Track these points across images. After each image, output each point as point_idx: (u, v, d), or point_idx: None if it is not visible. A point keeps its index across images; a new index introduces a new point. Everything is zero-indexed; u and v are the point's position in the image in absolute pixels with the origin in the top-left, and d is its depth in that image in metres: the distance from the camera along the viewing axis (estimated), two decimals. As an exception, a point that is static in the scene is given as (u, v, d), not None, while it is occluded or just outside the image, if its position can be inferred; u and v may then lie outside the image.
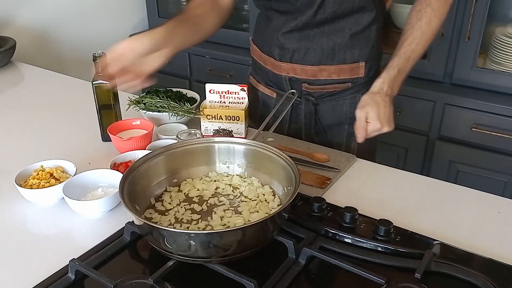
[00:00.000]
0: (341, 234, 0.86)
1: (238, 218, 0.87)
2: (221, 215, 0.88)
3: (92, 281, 0.77)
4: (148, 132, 1.16)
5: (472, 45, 1.88)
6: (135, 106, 1.29)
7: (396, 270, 0.79)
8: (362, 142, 1.15)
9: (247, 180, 0.98)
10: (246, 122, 1.23)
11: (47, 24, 2.29)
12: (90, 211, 0.95)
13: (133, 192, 0.86)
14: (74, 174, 1.02)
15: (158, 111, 1.26)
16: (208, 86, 1.24)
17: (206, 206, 0.91)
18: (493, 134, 1.85)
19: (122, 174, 0.88)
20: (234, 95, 1.24)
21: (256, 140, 0.98)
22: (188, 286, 0.77)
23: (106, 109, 1.21)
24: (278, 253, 0.81)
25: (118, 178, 0.87)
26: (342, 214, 0.89)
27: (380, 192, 1.03)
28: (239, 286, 0.73)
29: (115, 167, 1.06)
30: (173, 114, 1.25)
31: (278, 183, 0.94)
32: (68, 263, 0.78)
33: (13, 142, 1.28)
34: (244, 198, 0.93)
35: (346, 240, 0.85)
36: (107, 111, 1.22)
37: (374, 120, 1.11)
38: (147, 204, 0.92)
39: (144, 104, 1.28)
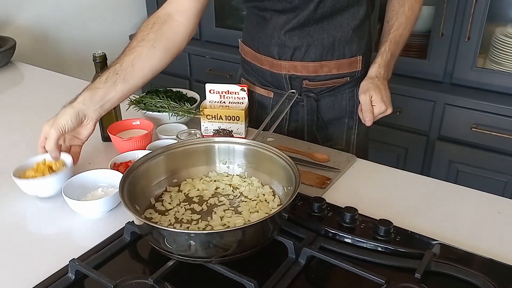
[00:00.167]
0: (341, 234, 0.86)
1: (238, 218, 0.87)
2: (221, 215, 0.88)
3: (92, 281, 0.77)
4: (148, 132, 1.16)
5: (472, 45, 1.88)
6: (135, 106, 1.29)
7: (396, 270, 0.79)
8: (370, 126, 1.19)
9: (247, 180, 0.98)
10: (246, 122, 1.23)
11: (47, 24, 2.29)
12: (90, 211, 0.95)
13: (133, 192, 0.86)
14: (70, 166, 1.02)
15: (158, 111, 1.26)
16: (208, 86, 1.24)
17: (206, 206, 0.91)
18: (493, 134, 1.85)
19: (122, 174, 0.88)
20: (234, 95, 1.24)
21: (256, 140, 0.98)
22: (188, 286, 0.77)
23: (106, 109, 1.21)
24: (278, 253, 0.81)
25: (118, 178, 0.87)
26: (342, 214, 0.89)
27: (380, 192, 1.03)
28: (239, 286, 0.73)
29: (115, 167, 1.06)
30: (173, 114, 1.25)
31: (278, 183, 0.94)
32: (68, 263, 0.78)
33: (13, 142, 1.28)
34: (244, 198, 0.93)
35: (346, 240, 0.85)
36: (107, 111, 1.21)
37: (379, 102, 1.15)
38: (147, 204, 0.92)
39: (144, 104, 1.28)
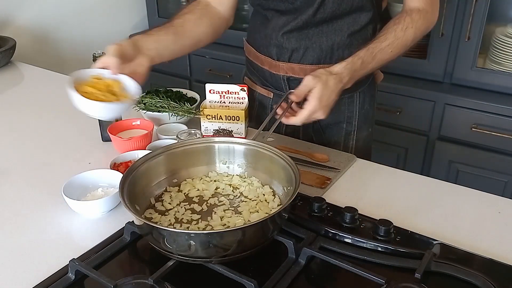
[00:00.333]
0: (341, 234, 0.86)
1: (238, 218, 0.87)
2: (221, 215, 0.87)
3: (92, 281, 0.77)
4: (148, 132, 1.16)
5: (472, 45, 1.88)
6: (135, 106, 1.29)
7: (396, 270, 0.79)
8: (284, 120, 1.06)
9: (247, 180, 0.98)
10: (246, 122, 1.23)
11: (47, 24, 2.29)
12: (90, 211, 0.95)
13: (133, 192, 0.86)
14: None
15: (158, 111, 1.26)
16: (208, 86, 1.24)
17: (206, 206, 0.91)
18: (493, 134, 1.85)
19: (122, 174, 0.88)
20: (234, 95, 1.24)
21: (256, 140, 0.98)
22: (188, 286, 0.77)
23: (106, 109, 1.21)
24: (278, 253, 0.81)
25: (118, 178, 0.87)
26: (342, 214, 0.89)
27: (380, 192, 1.03)
28: (239, 286, 0.73)
29: (115, 167, 1.06)
30: (173, 114, 1.25)
31: (278, 183, 0.94)
32: (68, 263, 0.78)
33: (13, 142, 1.28)
34: (244, 198, 0.93)
35: (346, 240, 0.85)
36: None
37: (315, 98, 1.03)
38: (147, 204, 0.92)
39: (144, 104, 1.28)
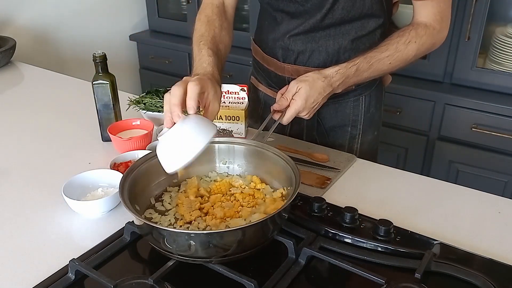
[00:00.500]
0: (341, 234, 0.86)
1: (238, 218, 0.87)
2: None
3: (92, 281, 0.77)
4: (148, 132, 1.16)
5: (472, 45, 1.88)
6: (135, 106, 1.29)
7: (396, 270, 0.79)
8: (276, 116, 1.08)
9: (247, 180, 0.98)
10: (246, 122, 1.23)
11: (47, 24, 2.29)
12: (90, 211, 0.95)
13: (133, 192, 0.86)
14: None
15: (158, 111, 1.26)
16: (208, 86, 1.24)
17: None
18: (493, 134, 1.85)
19: (122, 174, 0.88)
20: (234, 95, 1.23)
21: (256, 140, 0.98)
22: (188, 286, 0.77)
23: (106, 109, 1.21)
24: (278, 253, 0.81)
25: (118, 178, 0.87)
26: (342, 214, 0.89)
27: (380, 192, 1.03)
28: (239, 286, 0.73)
29: (115, 167, 1.06)
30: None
31: (278, 183, 0.94)
32: (68, 263, 0.78)
33: (13, 142, 1.28)
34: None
35: (346, 240, 0.85)
36: (107, 111, 1.22)
37: (300, 99, 1.05)
38: (147, 204, 0.92)
39: (144, 104, 1.28)
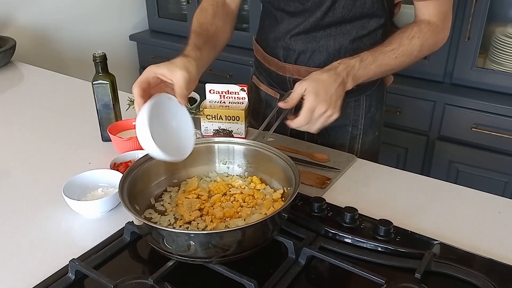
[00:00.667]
0: (341, 234, 0.86)
1: (238, 218, 0.87)
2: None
3: (92, 281, 0.77)
4: (148, 132, 1.16)
5: (472, 45, 1.88)
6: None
7: (396, 270, 0.79)
8: (292, 125, 0.97)
9: (247, 180, 0.98)
10: (246, 122, 1.22)
11: (47, 24, 2.29)
12: (90, 211, 0.95)
13: (133, 192, 0.86)
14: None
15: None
16: (208, 86, 1.24)
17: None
18: (493, 134, 1.85)
19: (122, 174, 0.88)
20: (234, 95, 1.23)
21: (256, 140, 0.98)
22: (188, 286, 0.77)
23: (106, 109, 1.21)
24: (278, 253, 0.81)
25: (118, 178, 0.87)
26: (342, 214, 0.89)
27: (380, 192, 1.03)
28: (239, 286, 0.73)
29: (115, 167, 1.06)
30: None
31: (278, 183, 0.94)
32: (68, 263, 0.78)
33: (13, 142, 1.28)
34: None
35: (346, 240, 0.85)
36: (107, 111, 1.22)
37: (310, 94, 0.95)
38: (147, 204, 0.92)
39: (144, 104, 1.28)
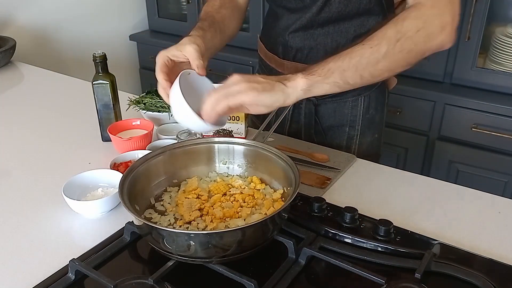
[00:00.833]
0: (341, 234, 0.86)
1: (238, 218, 0.87)
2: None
3: (92, 281, 0.77)
4: (148, 132, 1.16)
5: (472, 45, 1.88)
6: (135, 106, 1.29)
7: (396, 270, 0.79)
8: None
9: (247, 180, 0.98)
10: (246, 122, 1.22)
11: (47, 24, 2.29)
12: (90, 211, 0.95)
13: (133, 192, 0.86)
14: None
15: (158, 111, 1.26)
16: (208, 86, 1.24)
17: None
18: (493, 134, 1.85)
19: (122, 174, 0.88)
20: (234, 95, 1.23)
21: (256, 140, 0.98)
22: (188, 286, 0.77)
23: (106, 109, 1.21)
24: (278, 253, 0.81)
25: (118, 178, 0.87)
26: (342, 214, 0.89)
27: (380, 192, 1.03)
28: (239, 286, 0.73)
29: (115, 167, 1.06)
30: (173, 114, 1.25)
31: (278, 183, 0.94)
32: (68, 263, 0.78)
33: (13, 142, 1.28)
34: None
35: (346, 240, 0.85)
36: (107, 111, 1.22)
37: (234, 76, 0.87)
38: (147, 204, 0.92)
39: (144, 104, 1.28)
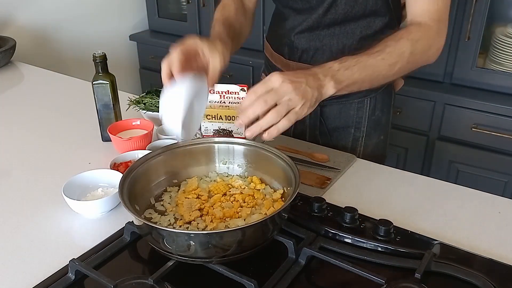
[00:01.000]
0: (341, 234, 0.86)
1: (238, 218, 0.87)
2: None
3: (92, 281, 0.77)
4: (148, 132, 1.16)
5: (472, 45, 1.88)
6: (135, 106, 1.29)
7: (396, 270, 0.79)
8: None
9: (247, 180, 0.98)
10: (246, 122, 1.22)
11: (47, 24, 2.29)
12: (90, 211, 0.95)
13: (133, 192, 0.86)
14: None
15: (158, 111, 1.26)
16: (208, 86, 1.24)
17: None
18: (493, 134, 1.85)
19: (122, 174, 0.88)
20: (234, 95, 1.23)
21: (256, 140, 0.98)
22: (188, 286, 0.77)
23: (106, 109, 1.21)
24: (278, 253, 0.81)
25: (118, 178, 0.87)
26: (342, 214, 0.89)
27: (380, 192, 1.03)
28: (239, 286, 0.73)
29: (115, 167, 1.06)
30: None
31: (278, 183, 0.94)
32: (68, 263, 0.78)
33: (13, 142, 1.28)
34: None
35: (346, 240, 0.85)
36: (107, 111, 1.22)
37: (274, 75, 0.87)
38: (147, 204, 0.92)
39: (144, 104, 1.28)
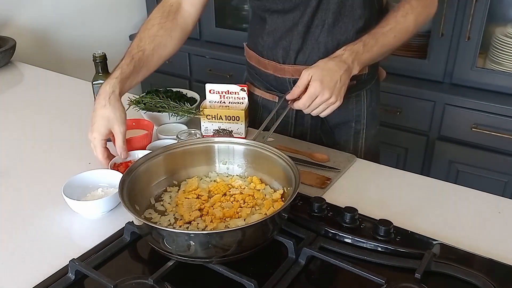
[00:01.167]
0: (341, 234, 0.86)
1: (238, 218, 0.87)
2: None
3: (92, 281, 0.77)
4: (148, 132, 1.16)
5: (472, 45, 1.88)
6: (135, 106, 1.29)
7: (396, 270, 0.79)
8: (292, 107, 1.07)
9: (247, 180, 0.98)
10: (246, 122, 1.23)
11: (47, 24, 2.29)
12: (90, 211, 0.95)
13: (133, 192, 0.86)
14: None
15: (158, 111, 1.26)
16: (208, 86, 1.24)
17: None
18: (493, 134, 1.85)
19: (122, 174, 0.88)
20: (234, 95, 1.24)
21: (256, 140, 0.98)
22: (188, 286, 0.77)
23: (106, 109, 1.21)
24: (278, 253, 0.81)
25: (118, 178, 0.87)
26: (342, 214, 0.89)
27: (380, 192, 1.03)
28: (239, 286, 0.73)
29: (115, 167, 1.06)
30: (173, 114, 1.25)
31: (278, 183, 0.94)
32: (68, 263, 0.78)
33: (13, 142, 1.28)
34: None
35: (346, 240, 0.85)
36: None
37: (315, 81, 1.02)
38: (147, 204, 0.92)
39: (144, 104, 1.28)
